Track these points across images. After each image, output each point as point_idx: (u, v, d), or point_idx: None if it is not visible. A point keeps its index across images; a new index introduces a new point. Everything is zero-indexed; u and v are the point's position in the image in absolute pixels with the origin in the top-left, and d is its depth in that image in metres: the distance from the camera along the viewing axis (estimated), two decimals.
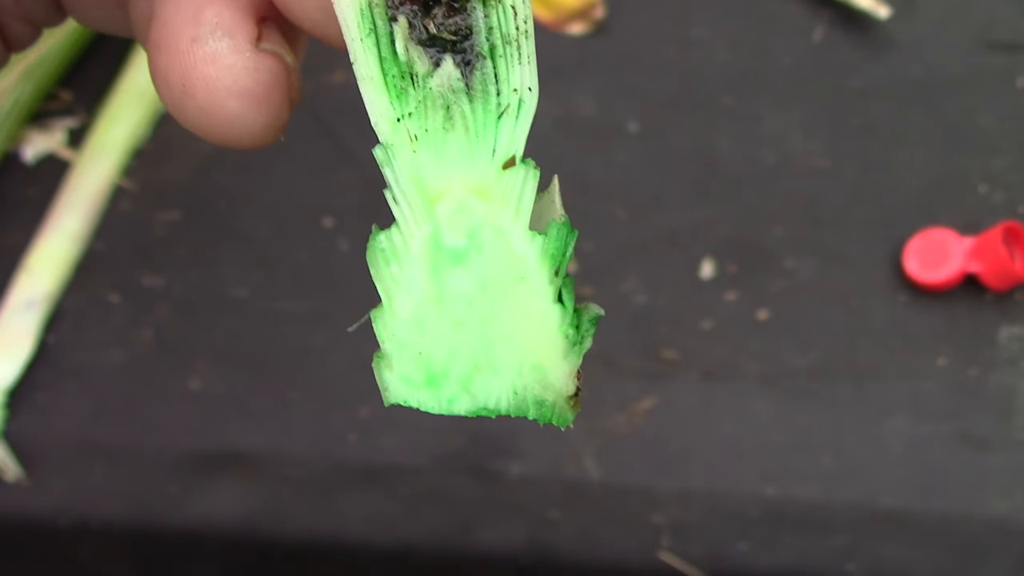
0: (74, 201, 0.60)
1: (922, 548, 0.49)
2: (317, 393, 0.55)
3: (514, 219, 0.21)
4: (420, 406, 0.22)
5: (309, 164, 0.61)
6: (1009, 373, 0.52)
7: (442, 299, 0.21)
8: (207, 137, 0.22)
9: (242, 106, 0.21)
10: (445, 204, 0.21)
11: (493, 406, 0.22)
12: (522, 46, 0.20)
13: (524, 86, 0.21)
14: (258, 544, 0.53)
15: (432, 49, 0.20)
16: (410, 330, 0.22)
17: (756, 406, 0.53)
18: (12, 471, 0.54)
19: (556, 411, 0.22)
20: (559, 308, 0.22)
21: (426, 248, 0.21)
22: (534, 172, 0.21)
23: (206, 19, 0.21)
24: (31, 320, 0.57)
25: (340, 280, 0.58)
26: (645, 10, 0.63)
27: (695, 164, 0.59)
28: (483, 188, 0.21)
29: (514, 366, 0.22)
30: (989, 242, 0.52)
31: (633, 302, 0.56)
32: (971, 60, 0.60)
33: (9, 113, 0.62)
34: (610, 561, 0.51)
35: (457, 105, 0.20)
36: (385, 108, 0.21)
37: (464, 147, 0.21)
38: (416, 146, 0.21)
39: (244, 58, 0.21)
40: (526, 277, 0.21)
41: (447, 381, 0.22)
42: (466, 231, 0.21)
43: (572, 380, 0.22)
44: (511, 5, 0.20)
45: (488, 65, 0.20)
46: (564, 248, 0.21)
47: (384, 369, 0.22)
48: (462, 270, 0.21)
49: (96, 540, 0.55)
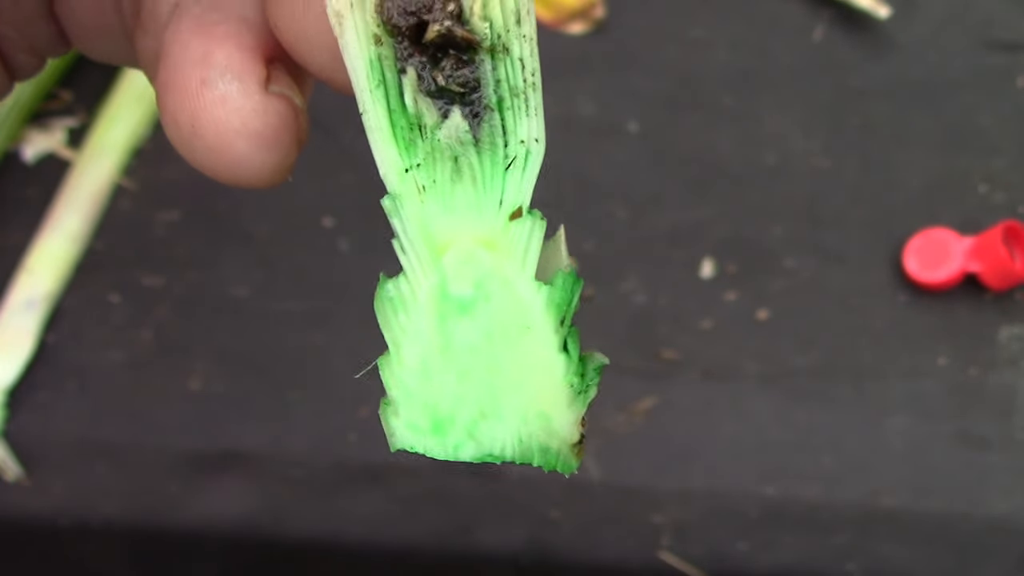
0: (74, 201, 0.60)
1: (922, 548, 0.49)
2: (317, 393, 0.55)
3: (520, 270, 0.21)
4: (426, 452, 0.22)
5: (309, 164, 0.60)
6: (1009, 373, 0.52)
7: (449, 348, 0.22)
8: (215, 176, 0.22)
9: (251, 148, 0.21)
10: (452, 254, 0.21)
11: (498, 453, 0.22)
12: (530, 98, 0.20)
13: (531, 137, 0.21)
14: (258, 544, 0.53)
15: (440, 101, 0.20)
16: (417, 378, 0.22)
17: (756, 406, 0.53)
18: (12, 471, 0.54)
19: (561, 458, 0.22)
20: (564, 357, 0.22)
21: (433, 298, 0.21)
22: (540, 223, 0.21)
23: (216, 61, 0.21)
24: (31, 320, 0.57)
25: (340, 280, 0.58)
26: (645, 10, 0.63)
27: (695, 164, 0.59)
28: (490, 239, 0.21)
29: (519, 414, 0.22)
30: (989, 242, 0.52)
31: (633, 302, 0.56)
32: (971, 60, 0.60)
33: (9, 113, 0.62)
34: (610, 561, 0.51)
35: (465, 157, 0.21)
36: (394, 159, 0.21)
37: (471, 198, 0.21)
38: (424, 197, 0.21)
39: (253, 101, 0.21)
40: (532, 327, 0.21)
41: (453, 428, 0.22)
42: (473, 281, 0.21)
43: (577, 428, 0.22)
44: (519, 58, 0.20)
45: (496, 117, 0.20)
46: (570, 297, 0.22)
47: (391, 416, 0.22)
48: (469, 320, 0.21)
49: (96, 540, 0.55)
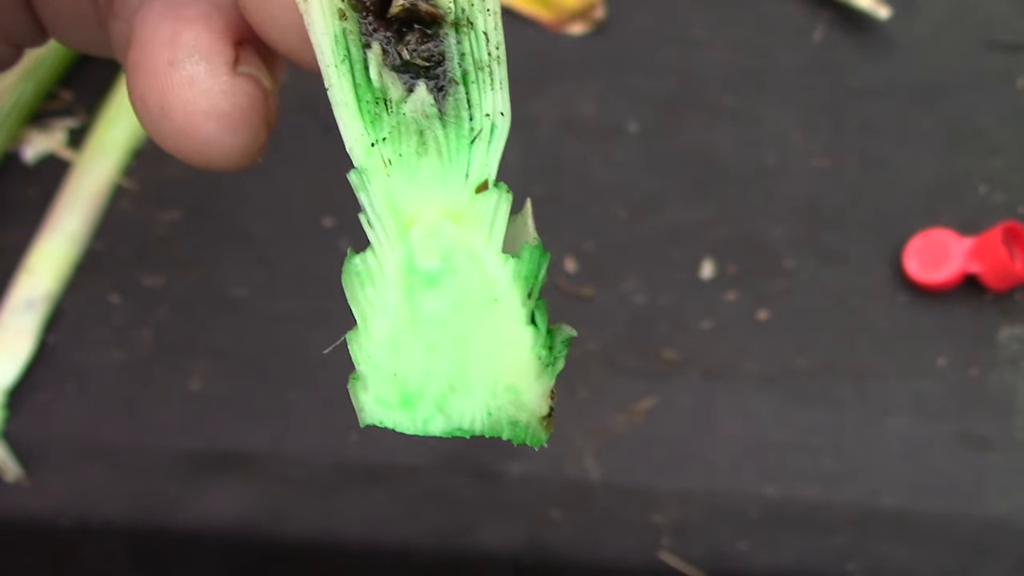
0: (74, 201, 0.60)
1: (922, 548, 0.49)
2: (317, 393, 0.55)
3: (487, 242, 0.21)
4: (395, 427, 0.22)
5: (309, 164, 0.61)
6: (1009, 373, 0.52)
7: (416, 321, 0.22)
8: (185, 158, 0.22)
9: (219, 129, 0.21)
10: (419, 228, 0.21)
11: (468, 426, 0.22)
12: (494, 72, 0.21)
13: (496, 111, 0.21)
14: (258, 544, 0.53)
15: (405, 75, 0.20)
16: (385, 352, 0.22)
17: (756, 406, 0.53)
18: (12, 471, 0.54)
19: (530, 431, 0.23)
20: (532, 330, 0.22)
21: (400, 271, 0.22)
22: (506, 196, 0.21)
23: (184, 42, 0.21)
24: (31, 320, 0.57)
25: (340, 280, 0.58)
26: (645, 10, 0.63)
27: (695, 164, 0.59)
28: (456, 212, 0.21)
29: (488, 387, 0.22)
30: (989, 242, 0.52)
31: (633, 302, 0.56)
32: (971, 60, 0.60)
33: (9, 113, 0.62)
34: (610, 561, 0.51)
35: (430, 130, 0.21)
36: (359, 133, 0.21)
37: (437, 172, 0.21)
38: (390, 171, 0.21)
39: (221, 82, 0.21)
40: (499, 299, 0.22)
41: (422, 402, 0.22)
42: (440, 254, 0.21)
43: (545, 400, 0.22)
44: (483, 32, 0.20)
45: (461, 91, 0.21)
46: (537, 270, 0.22)
47: (359, 390, 0.22)
48: (436, 292, 0.22)
49: (96, 540, 0.55)
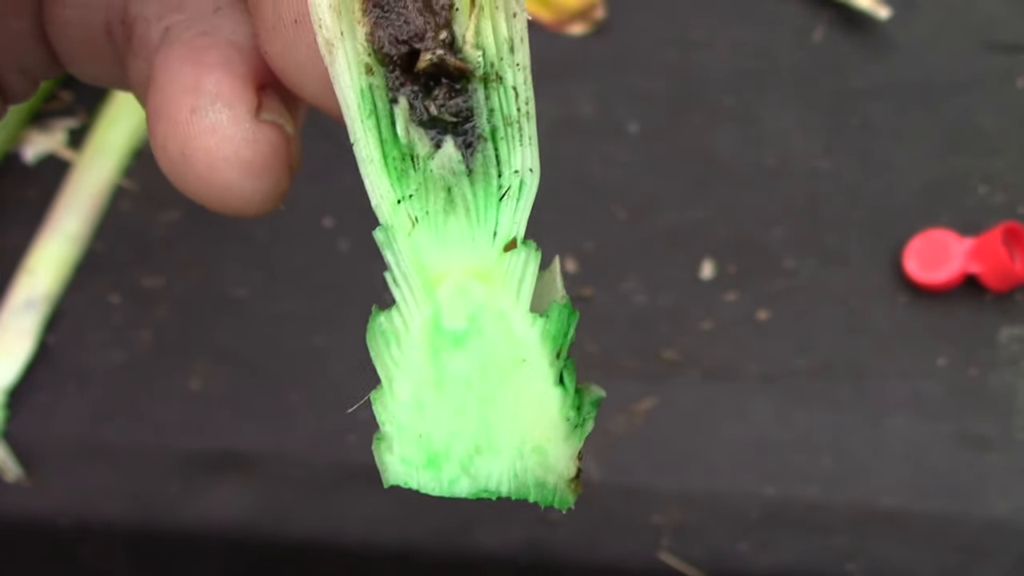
0: (74, 201, 0.60)
1: (922, 548, 0.49)
2: (317, 393, 0.55)
3: (515, 302, 0.21)
4: (420, 488, 0.22)
5: (309, 164, 0.60)
6: (1009, 373, 0.52)
7: (442, 382, 0.21)
8: (206, 204, 0.22)
9: (241, 176, 0.21)
10: (446, 287, 0.21)
11: (494, 488, 0.22)
12: (523, 127, 0.20)
13: (525, 167, 0.20)
14: (258, 544, 0.53)
15: (433, 131, 0.20)
16: (410, 412, 0.21)
17: (756, 406, 0.53)
18: (12, 471, 0.54)
19: (557, 493, 0.22)
20: (560, 391, 0.21)
21: (426, 331, 0.21)
22: (535, 254, 0.21)
23: (205, 89, 0.21)
24: (31, 320, 0.57)
25: (340, 280, 0.58)
26: (645, 10, 0.63)
27: (695, 164, 0.59)
28: (484, 271, 0.21)
29: (515, 448, 0.21)
30: (989, 243, 0.52)
31: (633, 302, 0.56)
32: (971, 60, 0.60)
33: (9, 114, 0.62)
34: (610, 561, 0.51)
35: (458, 188, 0.20)
36: (386, 190, 0.20)
37: (465, 230, 0.20)
38: (417, 228, 0.20)
39: (244, 129, 0.21)
40: (527, 360, 0.21)
41: (447, 463, 0.22)
42: (467, 314, 0.21)
43: (573, 462, 0.22)
44: (512, 87, 0.20)
45: (489, 147, 0.20)
46: (565, 330, 0.21)
47: (384, 451, 0.22)
48: (462, 353, 0.21)
49: (96, 540, 0.55)
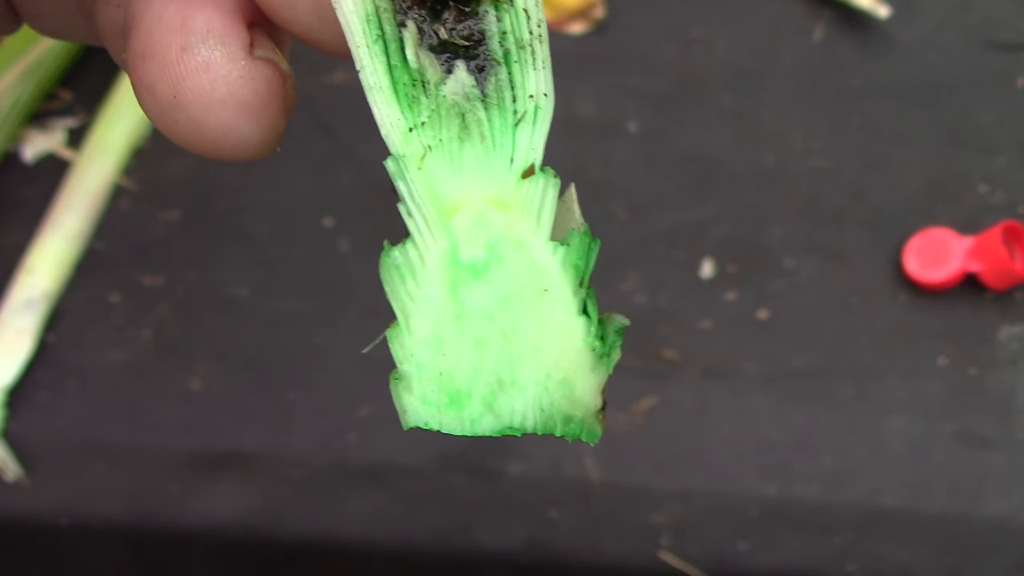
0: (74, 201, 0.60)
1: (922, 548, 0.49)
2: (317, 393, 0.55)
3: (535, 230, 0.20)
4: (442, 428, 0.21)
5: (309, 164, 0.61)
6: (1009, 373, 0.52)
7: (462, 316, 0.20)
8: (199, 151, 0.21)
9: (238, 117, 0.20)
10: (462, 217, 0.20)
11: (519, 424, 0.21)
12: (536, 51, 0.19)
13: (540, 92, 0.20)
14: (258, 544, 0.53)
15: (443, 55, 0.19)
16: (429, 350, 0.21)
17: (756, 406, 0.53)
18: (12, 471, 0.54)
19: (585, 427, 0.21)
20: (584, 320, 0.21)
21: (443, 263, 0.20)
22: (554, 181, 0.20)
23: (196, 26, 0.20)
24: (31, 320, 0.57)
25: (340, 280, 0.58)
26: (645, 10, 0.63)
27: (695, 164, 0.59)
28: (502, 199, 0.20)
29: (539, 382, 0.21)
30: (989, 242, 0.52)
31: (633, 302, 0.56)
32: (971, 60, 0.60)
33: (9, 113, 0.62)
34: (610, 561, 0.51)
35: (472, 113, 0.20)
36: (396, 118, 0.20)
37: (481, 157, 0.20)
38: (430, 157, 0.20)
39: (239, 67, 0.20)
40: (549, 289, 0.20)
41: (470, 401, 0.21)
42: (485, 244, 0.20)
43: (600, 394, 0.21)
44: (523, 8, 0.19)
45: (503, 71, 0.19)
46: (587, 258, 0.20)
47: (402, 391, 0.21)
48: (482, 285, 0.20)
49: (96, 540, 0.55)
